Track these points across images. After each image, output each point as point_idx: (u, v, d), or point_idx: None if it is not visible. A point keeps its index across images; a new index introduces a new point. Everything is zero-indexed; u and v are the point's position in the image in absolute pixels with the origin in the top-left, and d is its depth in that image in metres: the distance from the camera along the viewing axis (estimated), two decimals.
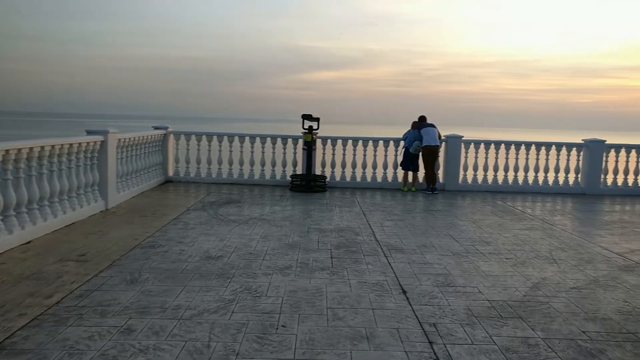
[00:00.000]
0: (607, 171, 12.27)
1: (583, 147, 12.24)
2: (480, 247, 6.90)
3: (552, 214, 9.63)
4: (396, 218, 8.71)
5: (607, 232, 8.06)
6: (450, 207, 10.04)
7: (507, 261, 6.24)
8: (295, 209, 9.23)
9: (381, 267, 5.85)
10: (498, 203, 10.61)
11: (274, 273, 5.50)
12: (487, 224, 8.40)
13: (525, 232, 7.90)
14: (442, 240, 7.20)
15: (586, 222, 8.90)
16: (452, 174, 12.26)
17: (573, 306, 4.80)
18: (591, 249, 6.92)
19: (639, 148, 12.26)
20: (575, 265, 6.15)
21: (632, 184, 12.31)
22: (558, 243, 7.22)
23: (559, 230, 8.10)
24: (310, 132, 11.60)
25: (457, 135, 12.35)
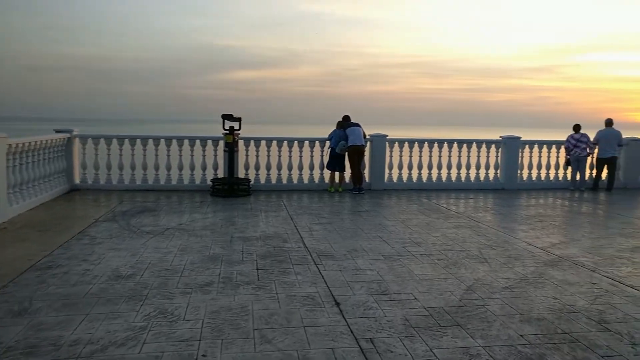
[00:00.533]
0: (522, 166, 12.76)
1: (501, 143, 12.64)
2: (411, 248, 6.73)
3: (476, 210, 9.76)
4: (325, 221, 8.38)
5: (529, 226, 8.24)
6: (378, 207, 9.89)
7: (439, 262, 6.08)
8: (217, 216, 8.62)
9: (312, 277, 5.45)
10: (424, 201, 10.62)
11: (193, 291, 4.93)
12: (415, 224, 8.29)
13: (454, 230, 7.87)
14: (373, 243, 6.95)
15: (508, 218, 9.08)
16: (377, 173, 12.18)
17: (508, 307, 4.67)
18: (517, 245, 6.98)
19: (550, 144, 12.86)
20: (504, 263, 6.11)
21: (545, 178, 12.89)
22: (486, 241, 7.22)
23: (485, 227, 8.15)
24: (231, 133, 11.00)
25: (381, 135, 12.28)
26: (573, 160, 12.46)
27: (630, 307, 4.74)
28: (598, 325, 4.33)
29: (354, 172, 11.60)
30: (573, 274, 5.72)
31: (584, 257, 6.39)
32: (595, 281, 5.48)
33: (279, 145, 11.86)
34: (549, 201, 11.13)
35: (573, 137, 12.48)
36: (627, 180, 13.04)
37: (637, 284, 5.41)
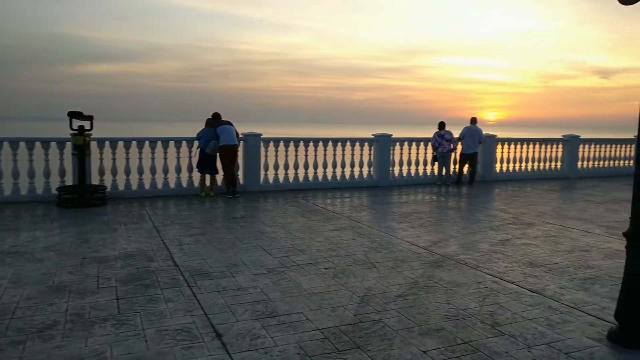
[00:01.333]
0: (394, 163, 13.05)
1: (374, 141, 12.77)
2: (296, 257, 6.20)
3: (355, 210, 9.60)
4: (197, 232, 7.50)
5: (408, 224, 8.24)
6: (255, 212, 9.23)
7: (326, 272, 5.64)
8: (64, 233, 7.25)
9: (186, 303, 4.63)
10: (302, 202, 10.22)
11: (28, 339, 3.83)
12: (296, 228, 7.81)
13: (336, 233, 7.53)
14: (253, 254, 6.29)
15: (387, 216, 9.05)
16: (252, 174, 11.51)
17: (405, 319, 4.36)
18: (401, 246, 6.84)
19: (419, 141, 13.34)
20: (392, 267, 5.87)
21: (414, 174, 13.35)
22: (370, 243, 6.99)
23: (367, 227, 7.96)
24: (81, 133, 9.49)
25: (255, 134, 11.63)
26: (439, 157, 13.06)
27: (515, 305, 4.73)
28: (493, 329, 4.19)
29: (227, 174, 10.80)
30: (459, 274, 5.67)
31: (464, 255, 6.44)
32: (480, 280, 5.46)
33: (140, 146, 10.57)
34: (420, 197, 11.45)
35: (439, 134, 13.08)
36: (485, 173, 14.06)
37: (515, 279, 5.50)
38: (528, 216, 9.06)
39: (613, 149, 16.28)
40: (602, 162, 16.01)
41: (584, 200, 11.02)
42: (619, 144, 16.44)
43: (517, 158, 14.61)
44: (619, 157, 16.37)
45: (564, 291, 5.12)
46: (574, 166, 15.25)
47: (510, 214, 9.23)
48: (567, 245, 6.96)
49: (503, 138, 14.50)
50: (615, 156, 16.31)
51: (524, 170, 14.73)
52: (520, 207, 9.96)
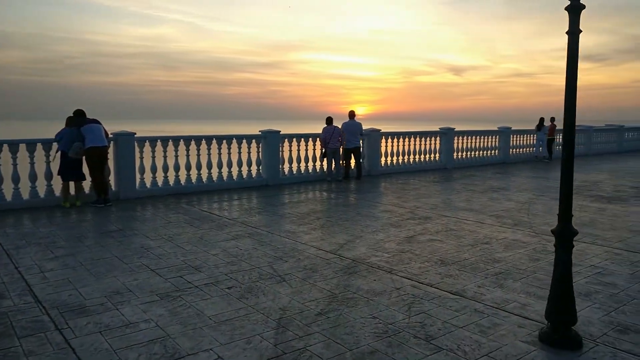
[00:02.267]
0: (283, 160, 12.49)
1: (261, 138, 12.06)
2: (191, 276, 5.33)
3: (248, 213, 8.84)
4: (63, 253, 6.20)
5: (309, 226, 7.73)
6: (134, 223, 8.03)
7: (231, 292, 4.87)
8: None
9: (56, 356, 3.57)
10: (187, 208, 9.20)
11: None
12: (186, 240, 6.87)
13: (233, 242, 6.75)
14: (139, 277, 5.28)
15: (285, 218, 8.44)
16: (127, 178, 10.15)
17: (334, 344, 3.79)
18: (307, 252, 6.29)
19: (307, 137, 12.93)
20: (304, 279, 5.29)
21: (304, 171, 12.93)
22: (273, 251, 6.33)
23: (266, 233, 7.29)
24: None
25: (128, 133, 10.27)
26: (329, 153, 12.79)
27: (442, 312, 4.43)
28: (428, 344, 3.81)
29: (96, 179, 9.35)
30: (375, 280, 5.26)
31: (374, 257, 6.08)
32: (398, 285, 5.11)
33: None
34: (314, 195, 11.04)
35: (328, 130, 12.80)
36: (371, 167, 14.14)
37: (432, 280, 5.25)
38: (423, 210, 9.09)
39: (483, 140, 17.50)
40: (474, 153, 17.11)
41: (466, 190, 11.49)
42: (487, 135, 17.71)
43: (400, 151, 14.95)
44: (487, 147, 17.65)
45: (483, 290, 4.96)
46: (450, 157, 16.06)
47: (405, 209, 9.19)
48: (469, 239, 6.98)
49: (387, 132, 14.72)
50: (485, 146, 17.55)
51: (407, 162, 15.13)
52: (413, 201, 10.01)
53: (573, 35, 3.59)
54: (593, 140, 22.05)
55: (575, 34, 3.59)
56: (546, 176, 14.30)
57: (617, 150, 23.19)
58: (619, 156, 21.35)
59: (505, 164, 17.62)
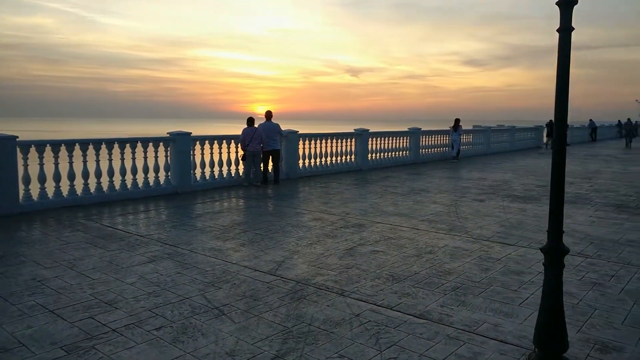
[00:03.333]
0: (194, 165, 11.40)
1: (170, 141, 10.87)
2: (106, 316, 4.30)
3: (162, 228, 7.75)
4: None
5: (236, 241, 6.89)
6: (18, 246, 6.62)
7: (161, 336, 3.95)
8: None
9: None
10: (86, 224, 7.87)
11: None
12: (92, 266, 5.71)
13: (152, 266, 5.73)
14: (34, 323, 4.14)
15: (207, 233, 7.49)
16: (6, 191, 8.50)
17: None
18: (242, 274, 5.48)
19: (221, 139, 11.94)
20: (246, 310, 4.50)
21: (218, 176, 11.93)
22: (202, 276, 5.43)
23: (188, 252, 6.33)
24: None
25: (7, 136, 8.62)
26: (249, 156, 11.92)
27: (414, 341, 3.90)
28: None
29: None
30: (329, 306, 4.62)
31: (320, 276, 5.44)
32: (356, 311, 4.52)
33: None
34: (233, 203, 10.14)
35: (249, 131, 11.92)
36: (289, 170, 13.49)
37: (391, 302, 4.72)
38: (353, 216, 8.63)
39: (395, 141, 17.62)
40: (386, 154, 17.16)
41: (389, 193, 11.27)
42: (399, 136, 17.87)
43: (318, 153, 14.48)
44: (399, 148, 17.81)
45: (447, 310, 4.53)
46: (365, 158, 15.92)
47: (335, 215, 8.67)
48: (411, 248, 6.60)
49: (304, 134, 14.16)
50: (397, 147, 17.69)
51: (324, 165, 14.70)
52: (340, 206, 9.53)
53: (565, 32, 3.23)
54: (491, 140, 23.38)
55: (568, 31, 3.22)
56: (458, 176, 14.65)
57: (510, 149, 24.83)
58: (513, 154, 22.82)
59: (415, 164, 17.91)
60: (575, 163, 18.92)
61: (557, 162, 3.35)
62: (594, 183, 13.08)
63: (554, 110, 3.32)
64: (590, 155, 23.27)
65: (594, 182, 13.23)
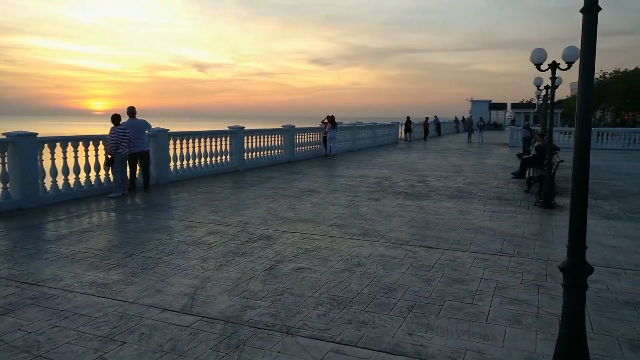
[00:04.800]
0: (43, 173, 9.23)
1: (8, 144, 8.57)
2: None
3: (9, 258, 5.86)
4: None
5: (124, 271, 5.43)
6: None
7: None
8: None
9: None
10: None
11: None
12: None
13: (10, 322, 4.11)
14: None
15: (78, 263, 5.81)
16: None
17: None
18: (149, 318, 4.19)
19: (77, 140, 9.87)
20: None
21: (75, 185, 9.86)
22: (91, 326, 4.01)
23: (62, 292, 4.75)
24: None
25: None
26: (119, 159, 10.04)
27: None
28: None
29: None
30: (281, 352, 3.64)
31: (251, 310, 4.40)
32: (318, 355, 3.62)
33: None
34: (102, 218, 8.35)
35: (118, 131, 10.02)
36: (159, 175, 11.84)
37: (351, 336, 3.92)
38: (254, 226, 7.62)
39: (270, 139, 16.78)
40: (261, 153, 16.24)
41: (280, 195, 10.42)
42: (274, 134, 17.07)
43: (190, 154, 13.00)
44: (275, 146, 17.02)
45: (417, 339, 3.87)
46: (241, 158, 14.82)
47: (233, 226, 7.56)
48: (337, 261, 5.86)
49: (176, 132, 12.57)
50: (272, 145, 16.87)
51: (197, 166, 13.26)
52: (234, 215, 8.42)
53: (588, 13, 2.73)
54: (357, 137, 23.87)
55: (591, 12, 2.73)
56: (340, 174, 14.36)
57: (372, 145, 25.69)
58: (377, 150, 23.59)
59: (291, 162, 17.31)
60: (437, 157, 20.12)
61: (580, 166, 2.84)
62: (466, 176, 13.82)
63: (577, 98, 2.81)
64: (444, 149, 25.14)
65: (465, 176, 13.98)
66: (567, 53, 8.71)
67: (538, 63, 9.01)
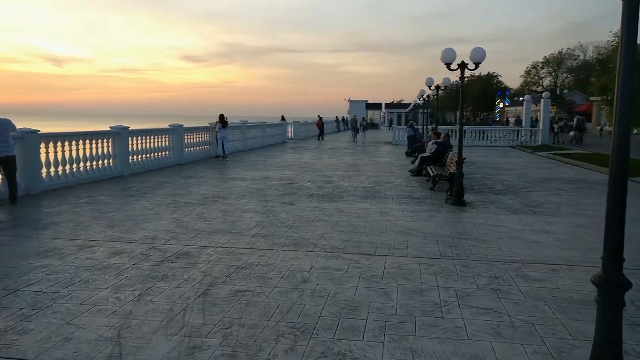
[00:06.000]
0: None
1: None
2: None
3: None
4: None
5: (11, 314, 4.19)
6: None
7: None
8: None
9: None
10: None
11: None
12: None
13: None
14: None
15: None
16: None
17: None
18: None
19: None
20: None
21: None
22: None
23: None
24: None
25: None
26: None
27: None
28: None
29: None
30: None
31: (200, 353, 3.56)
32: None
33: None
34: None
35: None
36: (29, 184, 9.96)
37: None
38: (164, 241, 6.57)
39: (157, 140, 15.24)
40: (147, 155, 14.67)
41: (182, 203, 9.32)
42: (161, 135, 15.55)
43: (67, 159, 11.18)
44: (161, 147, 15.50)
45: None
46: (126, 162, 13.19)
47: (140, 243, 6.44)
48: (279, 279, 5.17)
49: (47, 134, 10.70)
50: (159, 147, 15.35)
51: (76, 172, 11.46)
52: (135, 229, 7.24)
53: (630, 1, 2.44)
54: (247, 136, 22.95)
55: None
56: (240, 176, 13.46)
57: (261, 145, 24.96)
58: (268, 150, 22.92)
59: (180, 165, 15.93)
60: (331, 157, 20.06)
61: (617, 172, 2.56)
62: (367, 176, 13.81)
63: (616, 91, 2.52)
64: (333, 148, 25.29)
65: (366, 175, 13.98)
66: (475, 54, 8.94)
67: (448, 62, 9.15)
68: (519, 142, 27.55)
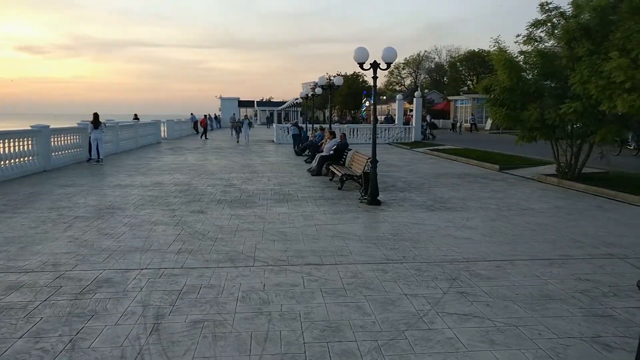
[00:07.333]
0: None
1: None
2: None
3: None
4: None
5: None
6: None
7: None
8: None
9: None
10: None
11: None
12: None
13: None
14: None
15: None
16: None
17: None
18: None
19: None
20: None
21: None
22: None
23: None
24: None
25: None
26: None
27: None
28: None
29: None
30: None
31: None
32: None
33: None
34: None
35: None
36: None
37: None
38: (70, 267, 5.47)
39: (13, 144, 12.97)
40: (7, 161, 12.42)
41: (72, 217, 7.94)
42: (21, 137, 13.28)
43: None
44: (20, 153, 13.23)
45: None
46: None
47: (41, 272, 5.27)
48: (233, 302, 4.54)
49: None
50: (17, 152, 13.08)
51: None
52: (25, 254, 5.93)
53: None
54: (120, 138, 20.79)
55: None
56: (127, 183, 12.01)
57: (135, 146, 22.89)
58: (143, 151, 21.08)
59: (48, 171, 13.81)
60: (219, 158, 19.06)
61: None
62: (268, 177, 13.30)
63: None
64: (217, 148, 24.14)
65: (267, 176, 13.46)
66: (386, 54, 8.98)
67: (361, 62, 9.07)
68: (394, 139, 29.10)
